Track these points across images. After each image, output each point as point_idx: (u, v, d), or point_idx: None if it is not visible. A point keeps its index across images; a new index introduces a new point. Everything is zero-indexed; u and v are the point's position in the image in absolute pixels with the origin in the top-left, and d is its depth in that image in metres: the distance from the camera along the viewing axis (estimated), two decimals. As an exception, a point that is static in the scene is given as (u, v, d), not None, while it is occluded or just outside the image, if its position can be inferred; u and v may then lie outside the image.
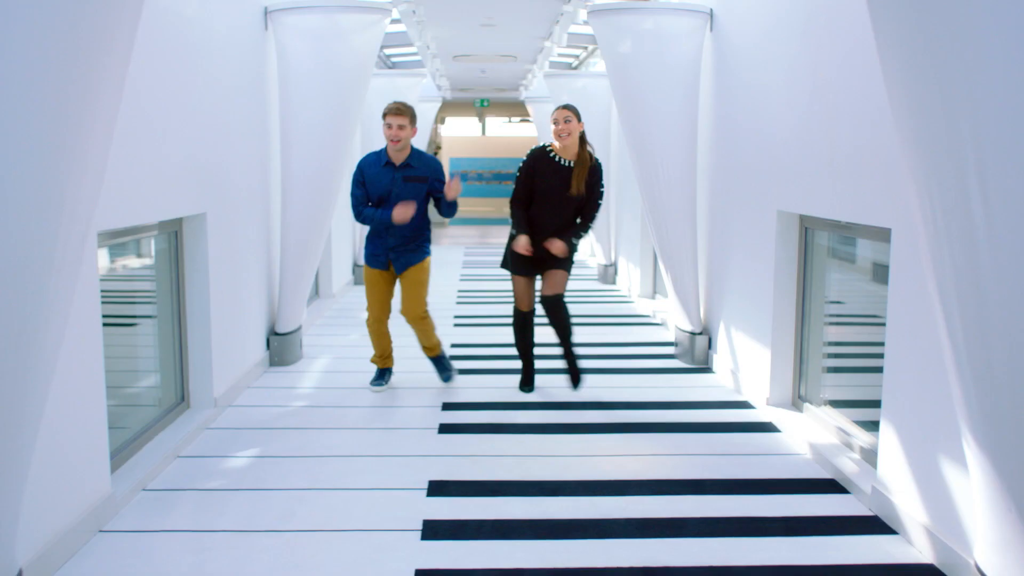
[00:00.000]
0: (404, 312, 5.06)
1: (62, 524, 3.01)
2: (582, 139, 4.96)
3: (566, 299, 5.06)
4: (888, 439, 3.42)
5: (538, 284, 5.14)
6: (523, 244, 4.89)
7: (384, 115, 4.82)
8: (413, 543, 3.16)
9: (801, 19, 4.34)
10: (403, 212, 4.75)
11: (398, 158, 4.88)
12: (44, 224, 2.01)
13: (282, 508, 3.47)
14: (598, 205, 5.04)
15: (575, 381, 5.14)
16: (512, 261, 5.09)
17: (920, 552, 3.11)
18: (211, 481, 3.78)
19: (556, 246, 4.87)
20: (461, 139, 24.18)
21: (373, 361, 5.29)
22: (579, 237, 5.02)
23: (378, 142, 9.72)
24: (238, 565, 2.99)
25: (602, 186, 5.04)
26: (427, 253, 5.05)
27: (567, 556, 3.06)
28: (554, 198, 4.93)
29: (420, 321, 5.08)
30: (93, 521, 3.23)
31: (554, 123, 4.89)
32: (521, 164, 5.01)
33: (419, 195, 4.91)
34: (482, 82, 14.33)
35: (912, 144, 2.17)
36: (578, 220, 5.02)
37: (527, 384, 5.24)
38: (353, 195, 4.98)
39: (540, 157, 4.97)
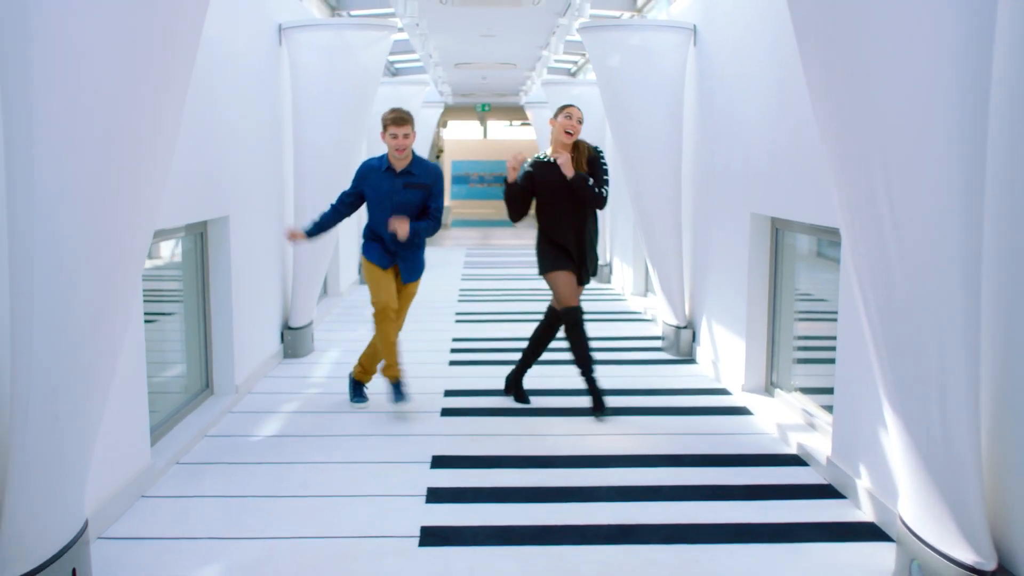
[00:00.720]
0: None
1: (111, 489, 3.44)
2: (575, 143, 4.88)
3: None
4: (840, 418, 3.85)
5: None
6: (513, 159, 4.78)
7: (385, 125, 4.74)
8: (419, 506, 3.60)
9: (769, 38, 4.76)
10: (401, 228, 4.64)
11: (400, 165, 4.82)
12: (118, 221, 2.45)
13: (302, 478, 3.91)
14: (605, 180, 4.86)
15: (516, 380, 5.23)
16: (551, 258, 4.89)
17: (864, 513, 3.54)
18: (237, 456, 4.22)
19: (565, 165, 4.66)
20: (463, 142, 24.65)
21: (384, 374, 4.98)
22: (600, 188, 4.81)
23: (382, 150, 10.16)
24: (266, 525, 3.42)
25: (605, 167, 4.90)
26: (423, 267, 5.02)
27: (554, 516, 3.49)
28: (563, 196, 4.82)
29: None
30: (136, 488, 3.67)
31: (567, 116, 4.80)
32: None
33: (418, 202, 4.83)
34: (483, 88, 14.79)
35: (834, 159, 2.60)
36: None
37: (599, 409, 4.87)
38: (344, 191, 4.99)
39: (538, 164, 4.93)
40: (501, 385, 5.40)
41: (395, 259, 4.90)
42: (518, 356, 5.40)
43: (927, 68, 2.33)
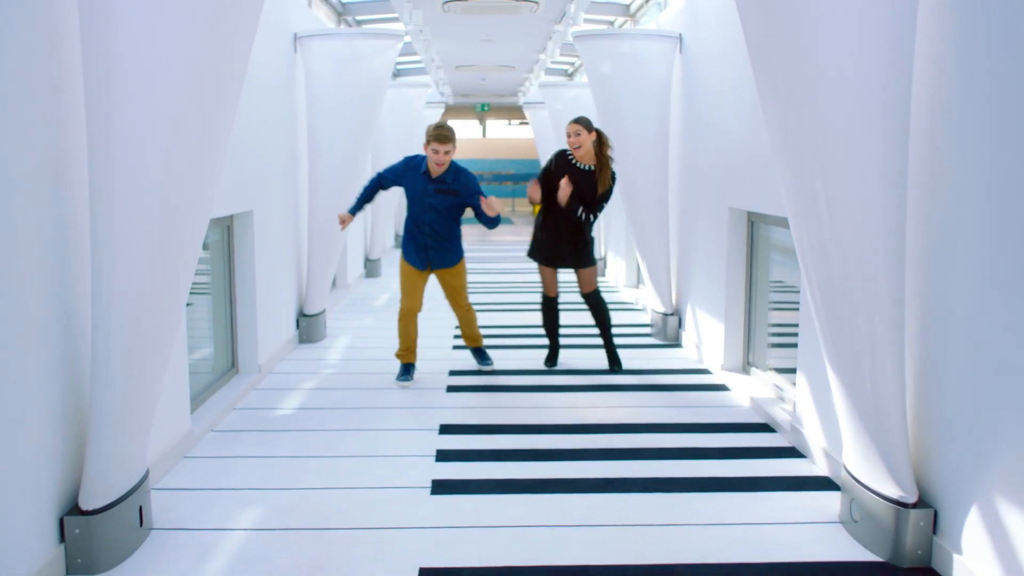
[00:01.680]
0: (452, 306, 5.68)
1: (159, 449, 3.93)
2: (602, 145, 5.54)
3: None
4: (802, 389, 4.34)
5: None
6: (532, 186, 5.55)
7: (429, 140, 5.12)
8: (429, 464, 4.09)
9: (746, 48, 5.24)
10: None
11: (436, 172, 5.25)
12: (181, 213, 2.94)
13: (325, 442, 4.40)
14: (602, 203, 5.62)
15: (613, 364, 5.91)
16: (537, 251, 5.73)
17: (819, 468, 4.04)
18: (266, 425, 4.71)
19: (563, 190, 5.36)
20: (463, 141, 25.08)
21: (397, 356, 5.62)
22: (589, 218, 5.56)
23: (387, 149, 10.64)
24: (296, 478, 3.91)
25: (610, 193, 5.62)
26: (461, 255, 5.51)
27: (548, 471, 3.99)
28: (572, 198, 5.49)
29: (465, 312, 5.69)
30: (180, 449, 4.16)
31: (567, 135, 5.55)
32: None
33: (448, 206, 5.31)
34: (483, 89, 15.25)
35: (781, 159, 3.09)
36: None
37: (552, 360, 6.00)
38: (379, 172, 5.47)
39: (560, 158, 5.63)
40: (501, 365, 5.92)
41: (428, 254, 5.42)
42: (513, 341, 5.93)
43: (857, 85, 2.81)
